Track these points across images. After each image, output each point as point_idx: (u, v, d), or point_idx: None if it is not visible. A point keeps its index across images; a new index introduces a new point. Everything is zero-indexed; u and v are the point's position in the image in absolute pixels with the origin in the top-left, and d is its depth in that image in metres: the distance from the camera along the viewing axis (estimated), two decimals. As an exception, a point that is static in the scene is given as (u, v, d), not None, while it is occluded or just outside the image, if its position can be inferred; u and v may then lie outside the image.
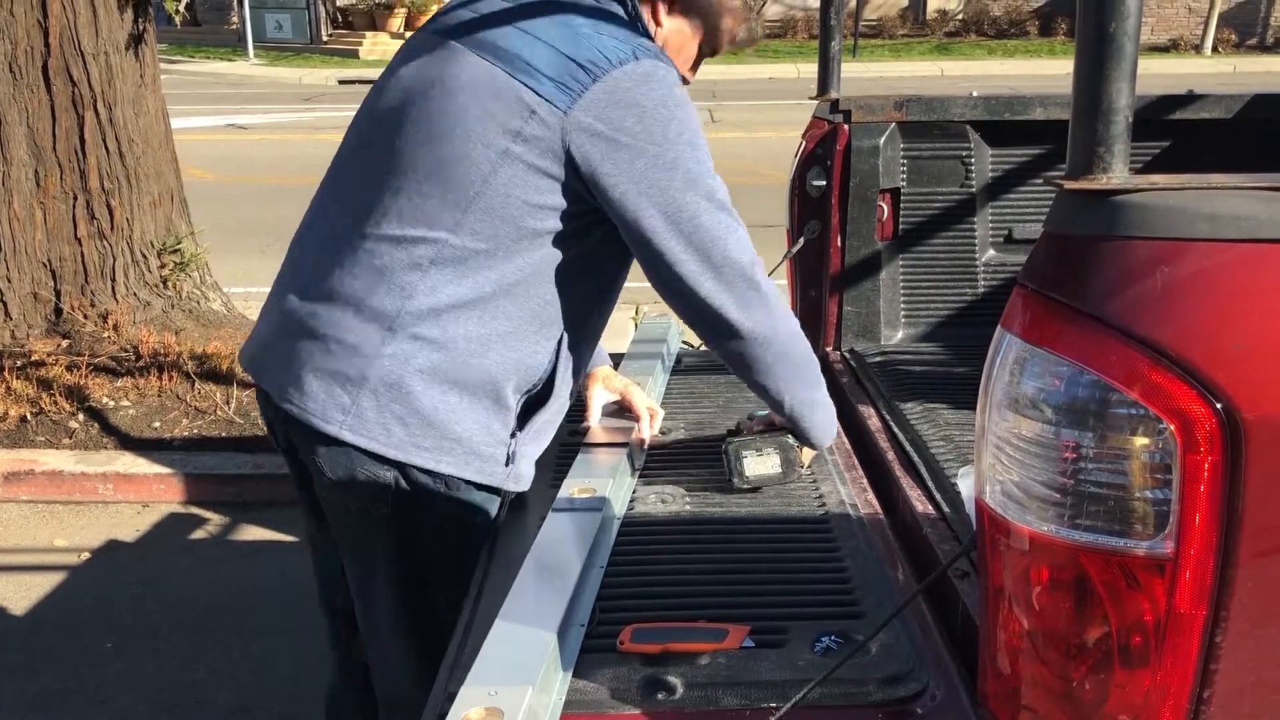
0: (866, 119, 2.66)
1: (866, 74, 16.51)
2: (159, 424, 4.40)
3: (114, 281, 4.86)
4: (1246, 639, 1.02)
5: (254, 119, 13.29)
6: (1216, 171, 1.11)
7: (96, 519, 4.00)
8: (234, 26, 22.52)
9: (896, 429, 2.11)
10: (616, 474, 1.78)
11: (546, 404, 1.74)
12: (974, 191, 2.75)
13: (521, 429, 1.72)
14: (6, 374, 4.51)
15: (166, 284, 5.07)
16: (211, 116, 12.98)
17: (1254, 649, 1.03)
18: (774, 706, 1.25)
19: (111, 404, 4.47)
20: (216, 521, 3.97)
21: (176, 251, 5.10)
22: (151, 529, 3.93)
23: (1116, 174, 1.02)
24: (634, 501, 1.81)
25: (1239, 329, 0.99)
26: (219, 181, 9.35)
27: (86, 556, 3.72)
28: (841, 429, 2.20)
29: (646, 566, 1.59)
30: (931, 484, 1.84)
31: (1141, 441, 1.00)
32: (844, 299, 2.75)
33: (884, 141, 2.67)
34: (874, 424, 2.19)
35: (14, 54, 4.49)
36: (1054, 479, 1.05)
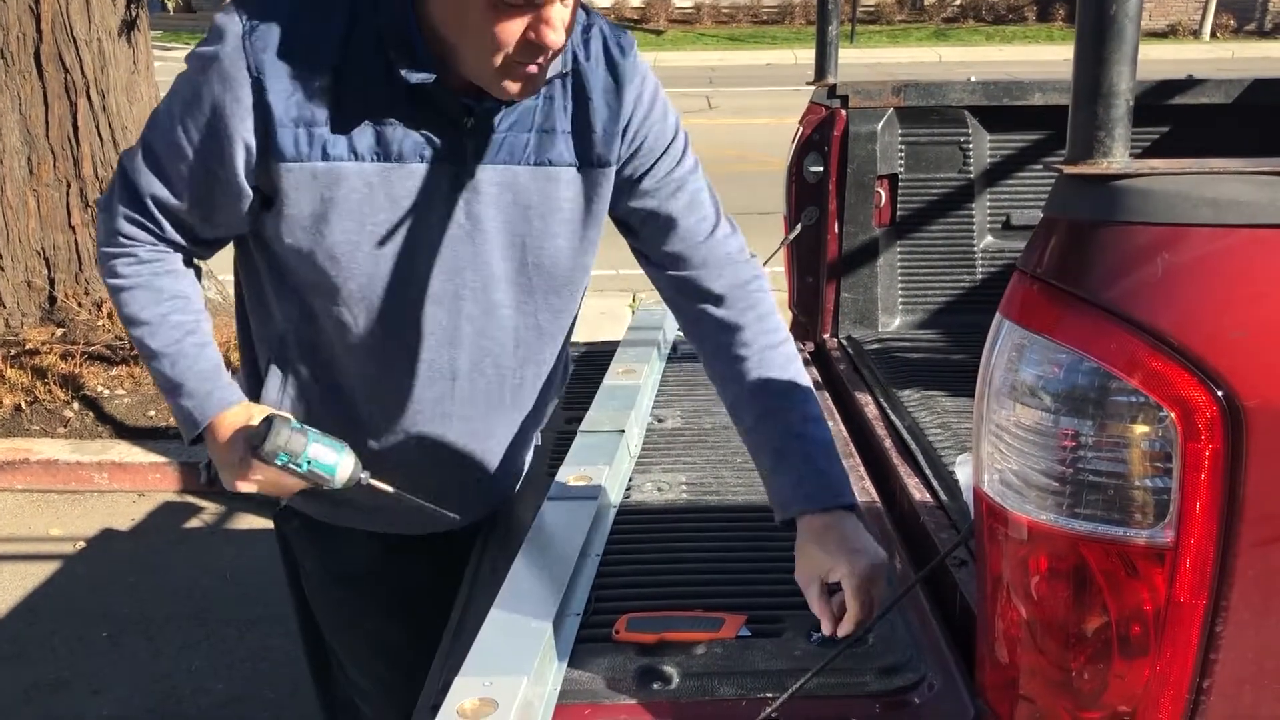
0: (864, 104, 2.65)
1: (864, 60, 16.47)
2: (154, 412, 4.39)
3: (108, 270, 4.85)
4: (1247, 629, 1.01)
5: (249, 106, 13.21)
6: (1216, 156, 1.10)
7: (91, 508, 3.99)
8: (229, 13, 22.38)
9: (894, 416, 2.11)
10: (613, 462, 1.77)
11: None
12: (972, 177, 2.74)
13: None
14: (0, 363, 4.49)
15: (161, 272, 5.05)
16: (206, 104, 12.91)
17: (1254, 639, 1.02)
18: (771, 696, 1.24)
19: (106, 392, 4.45)
20: (212, 510, 3.97)
21: (171, 239, 5.08)
22: (146, 518, 3.93)
23: (1117, 158, 1.01)
24: (630, 490, 1.80)
25: (1240, 315, 0.98)
26: (214, 169, 9.31)
27: (81, 546, 3.71)
28: (839, 416, 2.20)
29: (642, 555, 1.58)
30: (929, 472, 1.83)
31: (1141, 429, 0.99)
32: (841, 286, 2.74)
33: (881, 127, 2.66)
34: (871, 411, 2.18)
35: (6, 40, 4.47)
36: (1053, 467, 1.04)
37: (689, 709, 1.26)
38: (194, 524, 3.89)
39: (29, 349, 4.59)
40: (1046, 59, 16.98)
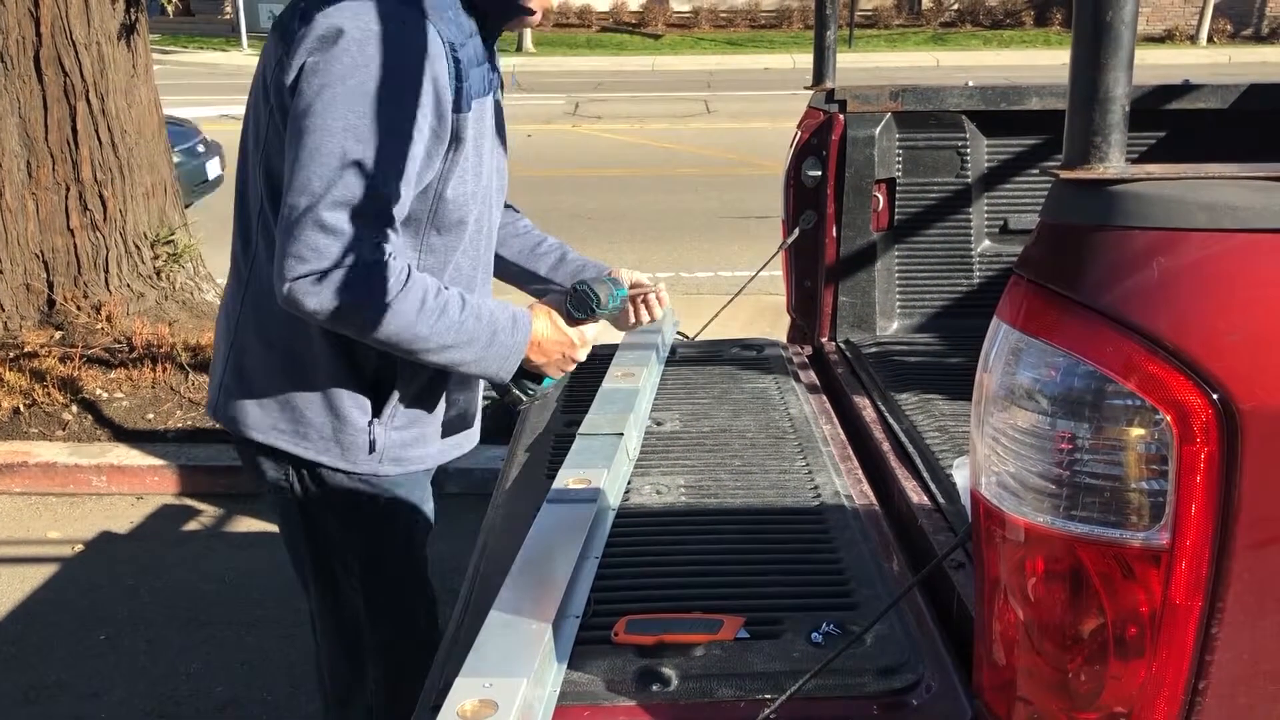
0: (862, 109, 2.66)
1: (862, 64, 16.50)
2: (153, 415, 4.39)
3: (107, 273, 4.85)
4: (1242, 630, 1.02)
5: (247, 109, 13.22)
6: (1213, 161, 1.11)
7: (90, 511, 3.99)
8: (227, 16, 22.45)
9: (892, 420, 2.11)
10: (611, 465, 1.77)
11: (401, 380, 1.70)
12: (969, 182, 2.74)
13: (379, 414, 1.70)
14: (-1, 366, 4.50)
15: (160, 275, 5.05)
16: (205, 107, 12.91)
17: (1250, 640, 1.03)
18: (769, 698, 1.25)
19: (105, 395, 4.45)
20: (210, 513, 3.97)
21: (170, 243, 5.09)
22: (145, 521, 3.93)
23: (1113, 163, 1.02)
24: (629, 492, 1.81)
25: (1235, 319, 0.99)
26: (212, 172, 9.30)
27: (80, 548, 3.71)
28: (836, 420, 2.21)
29: (641, 558, 1.58)
30: (927, 475, 1.84)
31: (1137, 432, 1.00)
32: (839, 290, 2.75)
33: (879, 132, 2.67)
34: (869, 415, 2.18)
35: (5, 44, 4.47)
36: (1049, 470, 1.05)
37: (688, 710, 1.26)
38: (192, 527, 3.89)
39: (28, 352, 4.59)
40: (1044, 63, 17.02)
